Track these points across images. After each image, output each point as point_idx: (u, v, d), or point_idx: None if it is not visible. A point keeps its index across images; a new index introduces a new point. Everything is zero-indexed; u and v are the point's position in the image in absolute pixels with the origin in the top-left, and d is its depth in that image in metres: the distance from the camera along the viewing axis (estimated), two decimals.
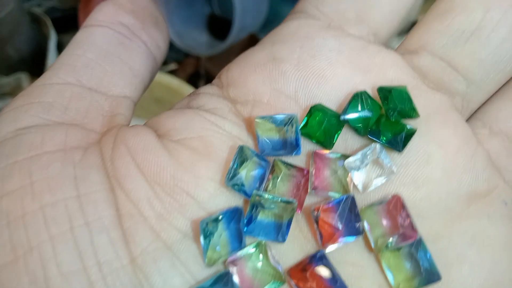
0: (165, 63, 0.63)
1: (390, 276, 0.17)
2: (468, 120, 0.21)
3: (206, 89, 0.20)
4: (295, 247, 0.18)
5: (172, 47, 0.65)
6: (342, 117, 0.18)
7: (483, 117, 0.20)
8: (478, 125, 0.20)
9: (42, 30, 0.53)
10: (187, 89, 0.54)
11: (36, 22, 0.53)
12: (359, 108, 0.18)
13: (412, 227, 0.17)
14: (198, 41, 0.63)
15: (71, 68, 0.20)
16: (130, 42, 0.21)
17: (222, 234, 0.17)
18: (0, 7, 0.47)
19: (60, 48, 0.52)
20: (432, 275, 0.17)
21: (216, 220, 0.16)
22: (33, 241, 0.15)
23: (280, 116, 0.18)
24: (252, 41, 0.60)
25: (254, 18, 0.60)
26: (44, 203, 0.16)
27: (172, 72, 0.61)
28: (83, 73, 0.20)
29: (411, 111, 0.19)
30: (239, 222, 0.17)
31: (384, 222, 0.17)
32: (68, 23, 0.54)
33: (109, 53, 0.20)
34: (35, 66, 0.52)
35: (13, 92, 0.52)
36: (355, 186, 0.18)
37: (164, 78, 0.55)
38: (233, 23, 0.56)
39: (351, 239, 0.17)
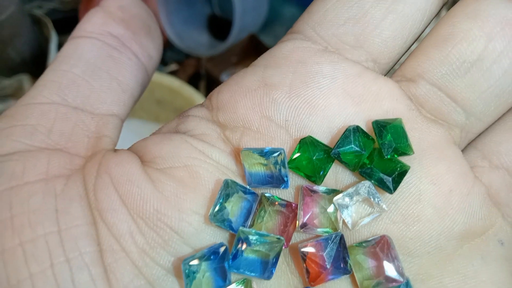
0: (165, 64, 0.63)
1: None
2: (466, 148, 0.20)
3: (196, 111, 0.20)
4: (282, 283, 0.17)
5: (172, 48, 0.64)
6: (333, 153, 0.17)
7: (482, 148, 0.19)
8: (477, 156, 0.19)
9: (43, 31, 0.53)
10: (188, 90, 0.54)
11: (37, 24, 0.53)
12: (352, 144, 0.17)
13: (399, 270, 0.16)
14: (199, 42, 0.62)
15: (57, 85, 0.19)
16: (119, 54, 0.20)
17: (205, 273, 0.16)
18: (1, 9, 0.46)
19: None
20: None
21: (200, 258, 0.16)
22: (12, 279, 0.15)
23: (268, 149, 0.18)
24: (252, 41, 0.60)
25: (254, 19, 0.59)
26: (24, 239, 0.15)
27: (172, 73, 0.61)
28: (69, 91, 0.19)
29: (406, 148, 0.18)
30: (224, 259, 0.16)
31: (371, 263, 0.17)
32: (69, 25, 0.54)
33: (97, 68, 0.20)
34: (37, 67, 0.52)
35: (15, 93, 0.52)
36: (344, 223, 0.18)
37: (165, 79, 0.54)
38: (233, 24, 0.55)
39: (338, 277, 0.17)
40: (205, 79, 0.61)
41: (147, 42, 0.22)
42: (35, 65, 0.52)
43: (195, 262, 0.16)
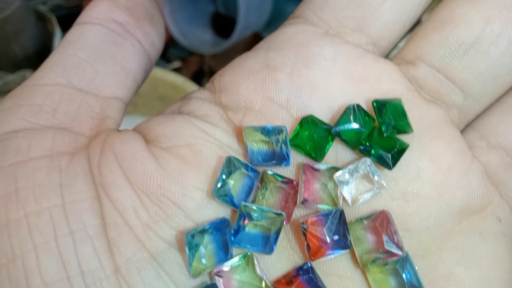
0: (169, 61, 0.63)
1: None
2: (464, 130, 0.20)
3: (198, 93, 0.20)
4: (282, 258, 0.18)
5: (176, 45, 0.65)
6: (333, 130, 0.18)
7: (480, 129, 0.20)
8: (475, 137, 0.20)
9: (47, 27, 0.53)
10: (192, 87, 0.54)
11: (41, 20, 0.53)
12: (352, 122, 0.18)
13: (398, 244, 0.17)
14: (202, 39, 0.63)
15: (62, 68, 0.19)
16: (123, 40, 0.21)
17: (208, 246, 0.16)
18: (6, 5, 0.47)
19: None
20: None
21: (202, 232, 0.16)
22: (16, 250, 0.15)
23: (269, 127, 0.18)
24: (256, 39, 0.60)
25: (258, 17, 0.59)
26: (29, 211, 0.16)
27: (176, 70, 0.61)
28: (74, 73, 0.19)
29: (405, 126, 0.18)
30: (226, 233, 0.17)
31: (371, 238, 0.17)
32: (73, 21, 0.55)
33: (101, 53, 0.20)
34: (40, 63, 0.52)
35: None
36: (344, 199, 0.18)
37: (169, 76, 0.55)
38: (237, 22, 0.56)
39: (338, 252, 0.17)
40: (209, 76, 0.61)
41: (150, 30, 0.22)
42: (39, 60, 0.53)
43: (198, 235, 0.16)
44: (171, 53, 0.65)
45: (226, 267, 0.17)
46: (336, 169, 0.18)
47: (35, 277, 0.15)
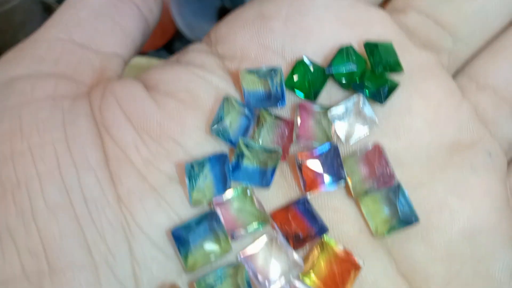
0: (174, 54, 0.64)
1: (369, 220, 0.17)
2: (454, 76, 0.21)
3: (195, 46, 0.21)
4: (279, 194, 0.18)
5: (181, 38, 0.66)
6: (327, 70, 0.18)
7: (470, 72, 0.20)
8: (464, 80, 0.20)
9: None
10: None
11: (48, 11, 0.54)
12: (345, 62, 0.18)
13: (389, 172, 0.17)
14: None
15: (63, 25, 0.20)
16: (122, 4, 0.22)
17: (207, 177, 0.17)
18: None
19: None
20: (410, 217, 0.17)
21: (201, 164, 0.17)
22: (21, 177, 0.16)
23: (265, 68, 0.19)
24: None
25: None
26: (33, 143, 0.17)
27: None
28: (75, 30, 0.20)
29: (396, 65, 0.19)
30: (225, 165, 0.17)
31: (363, 168, 0.18)
32: None
33: (101, 14, 0.21)
34: None
35: None
36: (338, 137, 0.18)
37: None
38: None
39: (333, 186, 0.18)
40: None
41: None
42: None
43: (197, 166, 0.17)
44: (176, 46, 0.66)
45: (224, 197, 0.17)
46: (330, 109, 0.19)
47: (38, 201, 0.16)
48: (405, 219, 0.17)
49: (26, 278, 0.15)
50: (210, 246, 0.16)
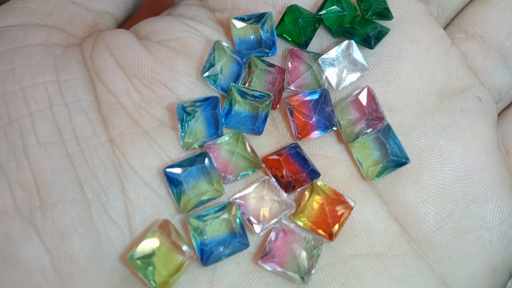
0: None
1: (360, 164, 0.18)
2: (444, 28, 0.21)
3: (187, 0, 0.21)
4: (271, 141, 0.18)
5: None
6: (316, 15, 0.19)
7: (459, 22, 0.20)
8: (454, 30, 0.20)
9: None
10: None
11: None
12: (334, 5, 0.18)
13: (379, 114, 0.17)
14: None
15: None
16: None
17: (199, 120, 0.17)
18: None
19: None
20: (401, 159, 0.17)
21: (193, 105, 0.17)
22: (12, 115, 0.16)
23: (255, 14, 0.19)
24: None
25: None
26: (25, 85, 0.16)
27: None
28: None
29: (386, 12, 0.19)
30: (216, 107, 0.17)
31: (354, 113, 0.18)
32: None
33: None
34: None
35: None
36: (329, 83, 0.19)
37: None
38: None
39: (324, 132, 0.18)
40: None
41: None
42: None
43: (189, 108, 0.17)
44: None
45: (217, 141, 0.17)
46: (321, 55, 0.19)
47: (30, 138, 0.16)
48: (395, 160, 0.17)
49: (18, 212, 0.15)
50: (203, 187, 0.17)
